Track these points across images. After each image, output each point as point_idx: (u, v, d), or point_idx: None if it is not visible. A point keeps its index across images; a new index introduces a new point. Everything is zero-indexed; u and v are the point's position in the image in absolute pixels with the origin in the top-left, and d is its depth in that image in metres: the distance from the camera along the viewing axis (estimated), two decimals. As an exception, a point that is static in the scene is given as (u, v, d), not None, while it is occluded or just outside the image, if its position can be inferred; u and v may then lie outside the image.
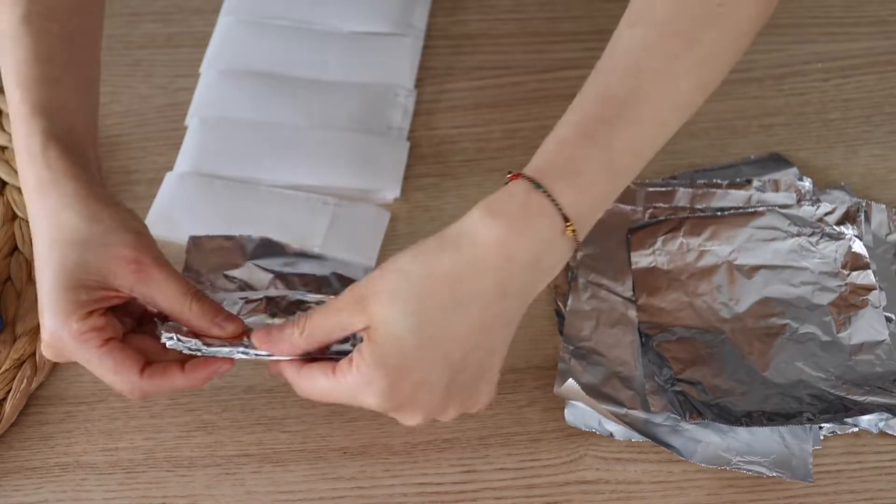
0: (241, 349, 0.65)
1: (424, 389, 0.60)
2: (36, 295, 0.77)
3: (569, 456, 0.71)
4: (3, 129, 0.86)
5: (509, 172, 0.62)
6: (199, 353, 0.64)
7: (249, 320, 0.67)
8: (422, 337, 0.59)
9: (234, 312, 0.67)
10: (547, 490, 0.70)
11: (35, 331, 0.75)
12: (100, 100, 0.72)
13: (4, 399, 0.72)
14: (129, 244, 0.63)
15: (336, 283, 0.76)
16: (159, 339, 0.64)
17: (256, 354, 0.64)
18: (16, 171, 0.84)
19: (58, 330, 0.62)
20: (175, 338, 0.64)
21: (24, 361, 0.74)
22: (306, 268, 0.77)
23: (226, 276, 0.75)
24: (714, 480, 0.70)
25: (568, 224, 0.60)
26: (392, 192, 0.84)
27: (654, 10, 0.64)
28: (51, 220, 0.63)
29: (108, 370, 0.63)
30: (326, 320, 0.62)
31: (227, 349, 0.65)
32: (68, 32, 0.68)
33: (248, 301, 0.69)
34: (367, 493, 0.70)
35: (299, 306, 0.68)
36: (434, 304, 0.59)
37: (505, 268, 0.59)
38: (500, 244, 0.59)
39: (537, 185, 0.60)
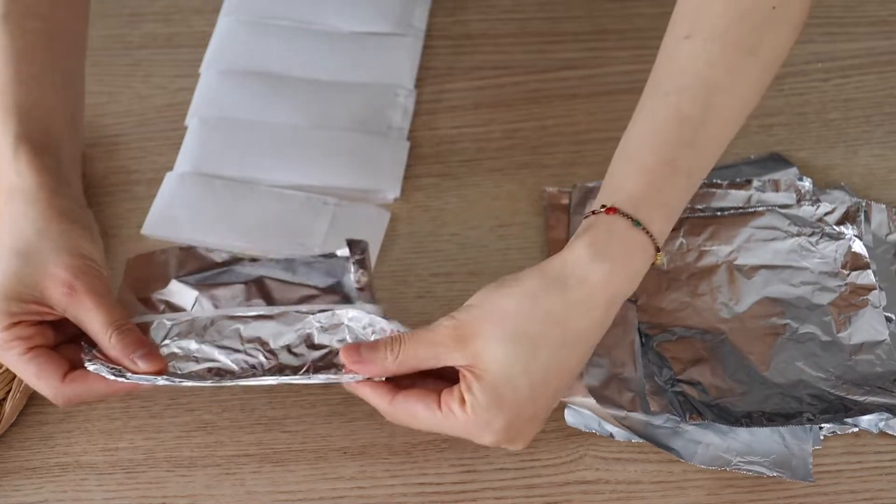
0: (164, 379, 0.65)
1: (535, 422, 0.63)
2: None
3: (569, 456, 0.71)
4: (3, 129, 0.86)
5: (603, 206, 0.63)
6: (122, 380, 0.64)
7: (179, 343, 0.67)
8: (534, 377, 0.60)
9: (163, 336, 0.67)
10: (547, 490, 0.70)
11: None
12: (84, 94, 0.72)
13: (4, 399, 0.72)
14: (67, 266, 0.64)
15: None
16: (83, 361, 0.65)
17: (181, 382, 0.65)
18: (16, 171, 0.84)
19: None
20: (98, 363, 0.64)
21: (24, 361, 0.74)
22: (233, 277, 0.75)
23: (156, 298, 0.74)
24: (714, 480, 0.70)
25: (658, 252, 0.63)
26: (392, 192, 0.84)
27: (711, 20, 0.64)
28: (9, 226, 0.65)
29: (31, 375, 0.64)
30: (422, 350, 0.61)
31: (149, 377, 0.65)
32: (50, 29, 0.69)
33: (176, 323, 0.68)
34: (367, 493, 0.70)
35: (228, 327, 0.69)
36: (544, 345, 0.60)
37: (610, 305, 0.62)
38: (607, 283, 0.61)
39: (636, 223, 0.62)
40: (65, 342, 0.66)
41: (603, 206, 0.62)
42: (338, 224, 0.81)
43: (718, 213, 0.80)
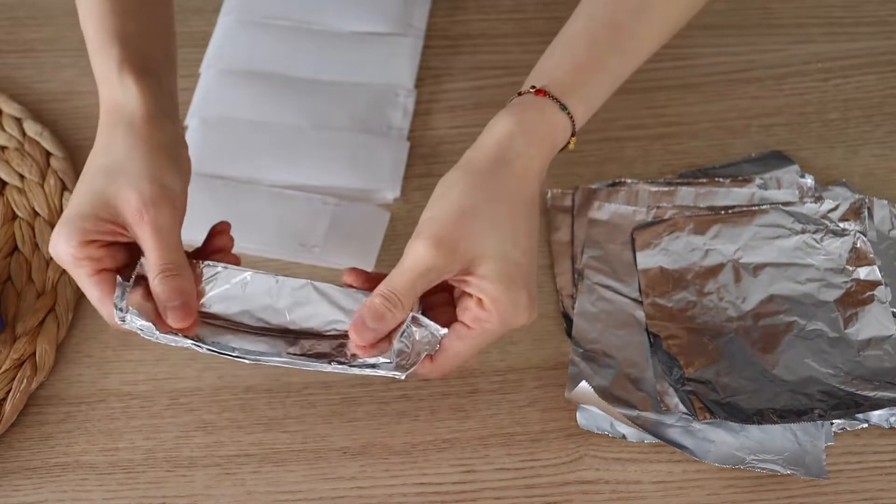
0: (192, 342, 0.64)
1: (534, 281, 0.66)
2: (36, 294, 0.77)
3: (569, 456, 0.71)
4: (3, 129, 0.86)
5: (533, 87, 0.68)
6: (151, 338, 0.64)
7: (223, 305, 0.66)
8: (522, 245, 0.64)
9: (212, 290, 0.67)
10: (547, 490, 0.70)
11: (35, 331, 0.75)
12: (176, 37, 0.73)
13: (4, 399, 0.72)
14: (142, 192, 0.64)
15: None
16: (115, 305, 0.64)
17: (209, 350, 0.64)
18: (16, 171, 0.84)
19: (58, 248, 0.64)
20: (128, 318, 0.64)
21: (24, 361, 0.74)
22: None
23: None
24: (714, 480, 0.70)
25: (573, 135, 0.69)
26: (392, 192, 0.84)
27: None
28: (104, 144, 0.66)
29: (94, 297, 0.65)
30: (419, 284, 0.63)
31: (176, 338, 0.64)
32: None
33: (232, 285, 0.67)
34: (367, 493, 0.70)
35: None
36: (514, 216, 0.65)
37: (539, 175, 0.67)
38: (537, 158, 0.67)
39: (563, 107, 0.67)
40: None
41: (533, 87, 0.67)
42: (338, 224, 0.81)
43: (722, 212, 0.80)
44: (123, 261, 0.66)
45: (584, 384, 0.69)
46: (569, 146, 0.69)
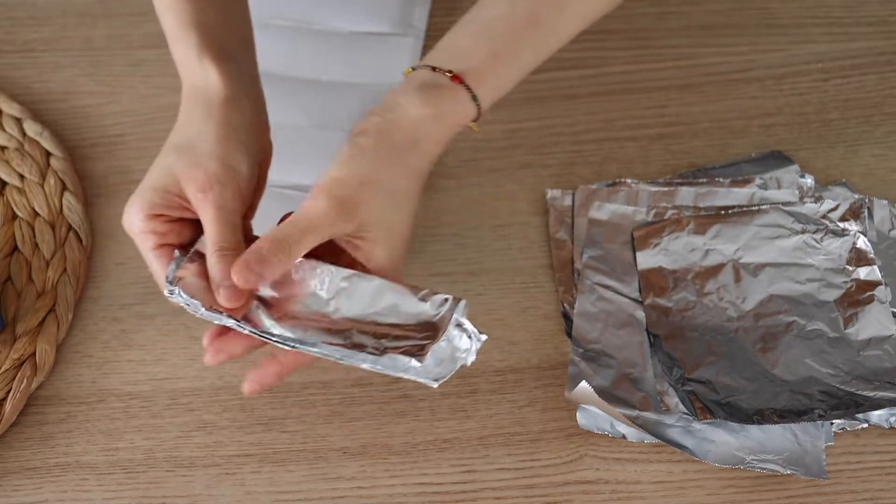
0: (234, 321, 0.64)
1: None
2: (36, 294, 0.77)
3: (569, 456, 0.71)
4: (3, 129, 0.86)
5: (450, 71, 0.69)
6: (196, 314, 0.64)
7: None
8: (410, 218, 0.68)
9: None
10: (547, 490, 0.70)
11: (35, 331, 0.75)
12: (251, 21, 0.74)
13: (4, 399, 0.72)
14: (208, 170, 0.65)
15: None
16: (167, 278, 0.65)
17: (251, 332, 0.64)
18: (16, 171, 0.84)
19: (127, 219, 0.66)
20: (177, 291, 0.64)
21: (24, 361, 0.74)
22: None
23: None
24: (714, 480, 0.70)
25: (475, 121, 0.70)
26: (392, 192, 0.84)
27: None
28: (180, 123, 0.67)
29: (154, 271, 0.67)
30: (310, 237, 0.64)
31: (221, 317, 0.64)
32: None
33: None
34: (367, 493, 0.70)
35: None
36: (411, 192, 0.68)
37: (439, 154, 0.70)
38: (443, 140, 0.69)
39: (475, 98, 0.69)
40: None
41: (450, 72, 0.68)
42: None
43: (722, 212, 0.80)
44: (188, 237, 0.67)
45: (584, 384, 0.69)
46: (472, 128, 0.71)
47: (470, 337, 0.64)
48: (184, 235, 0.67)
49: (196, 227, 0.67)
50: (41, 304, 0.77)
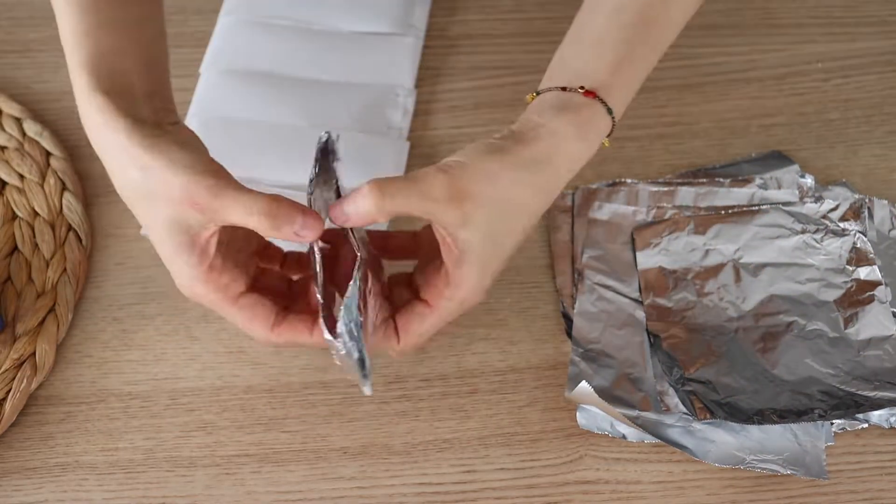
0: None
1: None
2: (36, 294, 0.77)
3: (569, 456, 0.71)
4: (3, 129, 0.86)
5: (581, 87, 0.66)
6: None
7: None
8: (517, 237, 0.66)
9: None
10: (547, 490, 0.70)
11: (35, 331, 0.76)
12: (162, 34, 0.70)
13: (4, 399, 0.72)
14: (181, 188, 0.60)
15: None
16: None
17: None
18: (16, 171, 0.84)
19: (189, 290, 0.64)
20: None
21: (24, 361, 0.74)
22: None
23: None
24: (714, 480, 0.70)
25: (609, 135, 0.68)
26: (392, 192, 0.84)
27: None
28: (119, 178, 0.63)
29: (242, 325, 0.65)
30: (414, 202, 0.61)
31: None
32: None
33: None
34: (367, 493, 0.70)
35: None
36: (526, 211, 0.65)
37: (573, 171, 0.67)
38: (580, 161, 0.67)
39: (610, 111, 0.67)
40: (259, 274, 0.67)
41: (581, 88, 0.66)
42: (338, 224, 0.81)
43: (722, 212, 0.80)
44: (248, 276, 0.65)
45: (584, 384, 0.69)
46: (604, 145, 0.69)
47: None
48: (245, 275, 0.65)
49: (244, 251, 0.65)
50: (41, 304, 0.77)
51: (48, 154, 0.85)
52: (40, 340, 0.75)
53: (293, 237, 0.61)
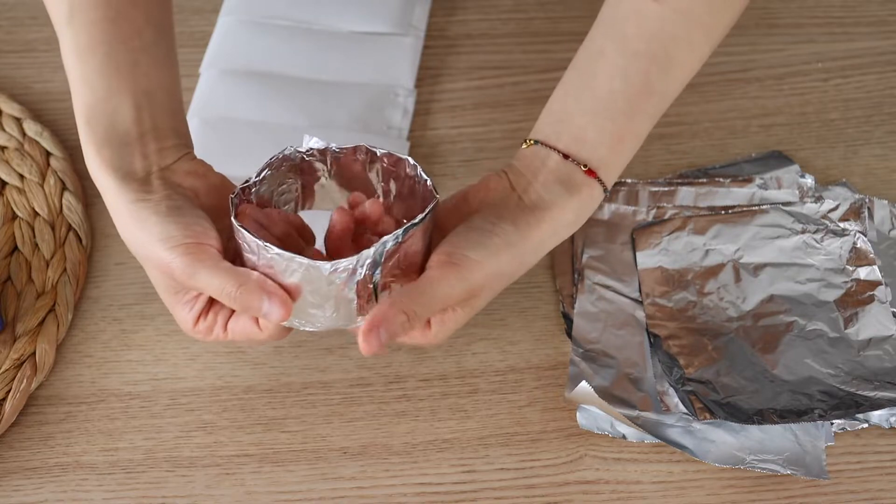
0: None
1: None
2: (36, 294, 0.77)
3: (569, 456, 0.71)
4: (3, 129, 0.86)
5: (585, 166, 0.68)
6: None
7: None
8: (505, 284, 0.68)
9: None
10: (547, 490, 0.70)
11: (35, 331, 0.75)
12: (171, 61, 0.71)
13: (4, 399, 0.72)
14: (156, 259, 0.63)
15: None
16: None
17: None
18: (16, 172, 0.84)
19: (191, 334, 0.67)
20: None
21: (24, 361, 0.74)
22: None
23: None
24: (714, 480, 0.70)
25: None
26: (392, 192, 0.84)
27: None
28: (120, 229, 0.66)
29: (244, 342, 0.67)
30: (436, 307, 0.63)
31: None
32: (112, 14, 0.68)
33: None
34: (367, 493, 0.70)
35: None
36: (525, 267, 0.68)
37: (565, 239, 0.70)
38: (562, 238, 0.69)
39: (606, 191, 0.69)
40: None
41: (585, 166, 0.68)
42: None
43: (722, 212, 0.80)
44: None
45: (584, 384, 0.69)
46: None
47: None
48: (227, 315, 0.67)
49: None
50: (41, 304, 0.77)
51: (48, 154, 0.85)
52: (40, 340, 0.75)
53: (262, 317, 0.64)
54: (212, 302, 0.66)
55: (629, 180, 0.83)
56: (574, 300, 0.77)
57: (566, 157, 0.68)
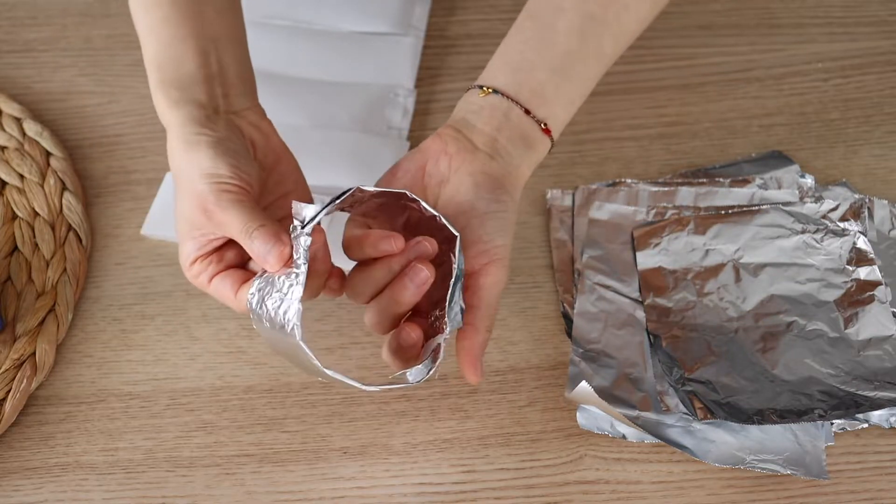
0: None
1: None
2: (36, 294, 0.77)
3: (569, 456, 0.71)
4: (3, 129, 0.86)
5: (544, 125, 0.70)
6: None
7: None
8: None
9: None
10: (547, 490, 0.70)
11: (35, 331, 0.75)
12: (231, 32, 0.73)
13: (4, 399, 0.72)
14: (197, 194, 0.65)
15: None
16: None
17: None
18: (16, 171, 0.84)
19: (186, 271, 0.68)
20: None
21: (24, 361, 0.74)
22: None
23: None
24: (714, 480, 0.70)
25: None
26: (392, 192, 0.84)
27: None
28: (171, 160, 0.68)
29: (217, 299, 0.68)
30: (496, 299, 0.67)
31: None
32: None
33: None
34: (367, 493, 0.70)
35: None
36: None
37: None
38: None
39: (552, 143, 0.71)
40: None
41: (544, 124, 0.70)
42: (338, 224, 0.81)
43: (722, 212, 0.80)
44: (234, 260, 0.68)
45: (584, 384, 0.69)
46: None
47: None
48: (229, 259, 0.67)
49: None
50: (41, 304, 0.77)
51: (48, 154, 0.85)
52: (40, 340, 0.75)
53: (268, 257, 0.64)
54: (216, 251, 0.67)
55: (629, 180, 0.83)
56: (574, 300, 0.77)
57: (527, 112, 0.70)
